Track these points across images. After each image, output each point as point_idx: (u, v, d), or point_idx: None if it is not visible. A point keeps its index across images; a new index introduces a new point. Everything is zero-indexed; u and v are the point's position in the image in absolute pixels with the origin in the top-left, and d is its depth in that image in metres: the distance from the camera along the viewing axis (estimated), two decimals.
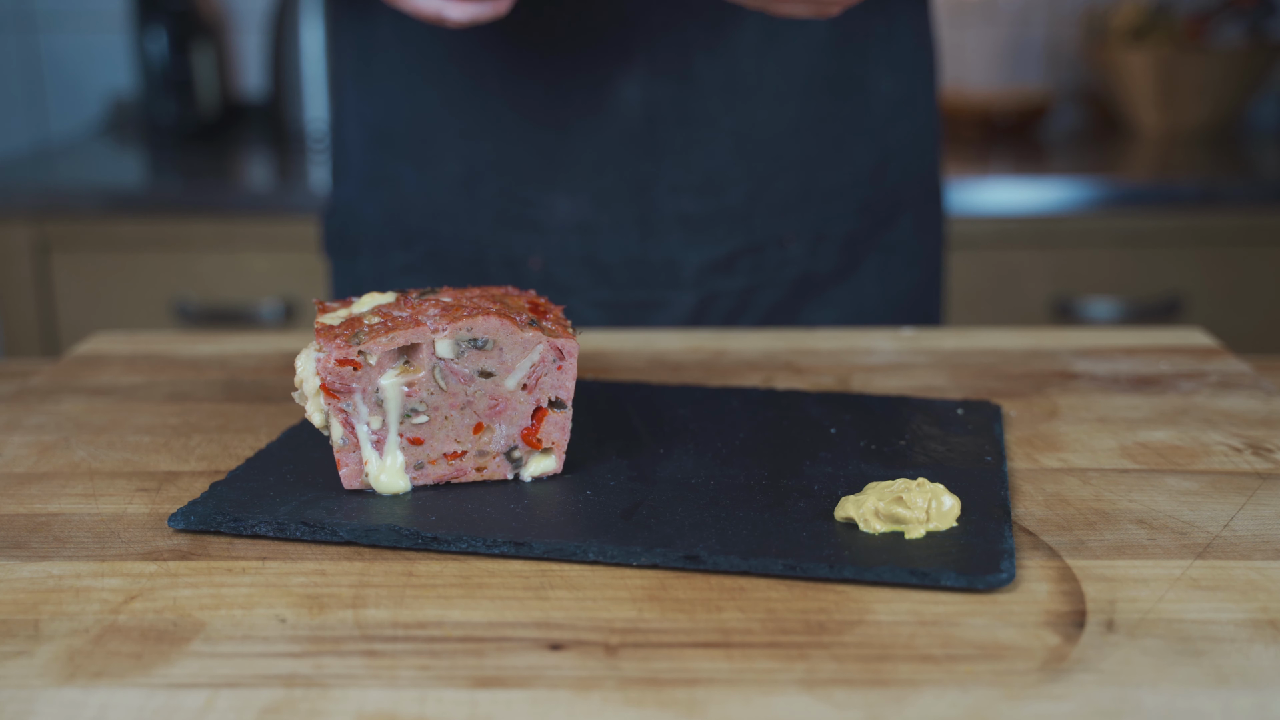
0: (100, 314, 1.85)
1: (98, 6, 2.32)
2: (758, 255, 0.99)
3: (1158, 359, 0.85)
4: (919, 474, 0.62)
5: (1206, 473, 0.65)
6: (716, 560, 0.53)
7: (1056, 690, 0.45)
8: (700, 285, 0.99)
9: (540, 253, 0.98)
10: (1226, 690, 0.45)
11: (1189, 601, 0.51)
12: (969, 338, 0.91)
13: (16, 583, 0.54)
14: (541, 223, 0.97)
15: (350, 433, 0.60)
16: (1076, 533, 0.58)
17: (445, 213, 0.99)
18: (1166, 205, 1.80)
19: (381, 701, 0.45)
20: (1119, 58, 2.13)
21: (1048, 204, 1.80)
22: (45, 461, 0.68)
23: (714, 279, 0.99)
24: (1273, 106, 2.32)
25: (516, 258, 0.98)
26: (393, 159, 1.00)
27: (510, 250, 0.98)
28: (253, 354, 0.89)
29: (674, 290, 0.99)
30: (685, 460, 0.65)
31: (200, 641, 0.49)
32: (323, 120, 2.16)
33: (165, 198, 1.85)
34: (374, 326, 0.59)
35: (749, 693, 0.45)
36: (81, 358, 0.88)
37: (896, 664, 0.47)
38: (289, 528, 0.57)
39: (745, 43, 0.92)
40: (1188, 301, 1.83)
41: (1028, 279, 1.83)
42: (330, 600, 0.52)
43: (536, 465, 0.63)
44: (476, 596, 0.52)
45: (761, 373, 0.83)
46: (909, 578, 0.52)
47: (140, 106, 2.25)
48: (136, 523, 0.60)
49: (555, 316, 0.63)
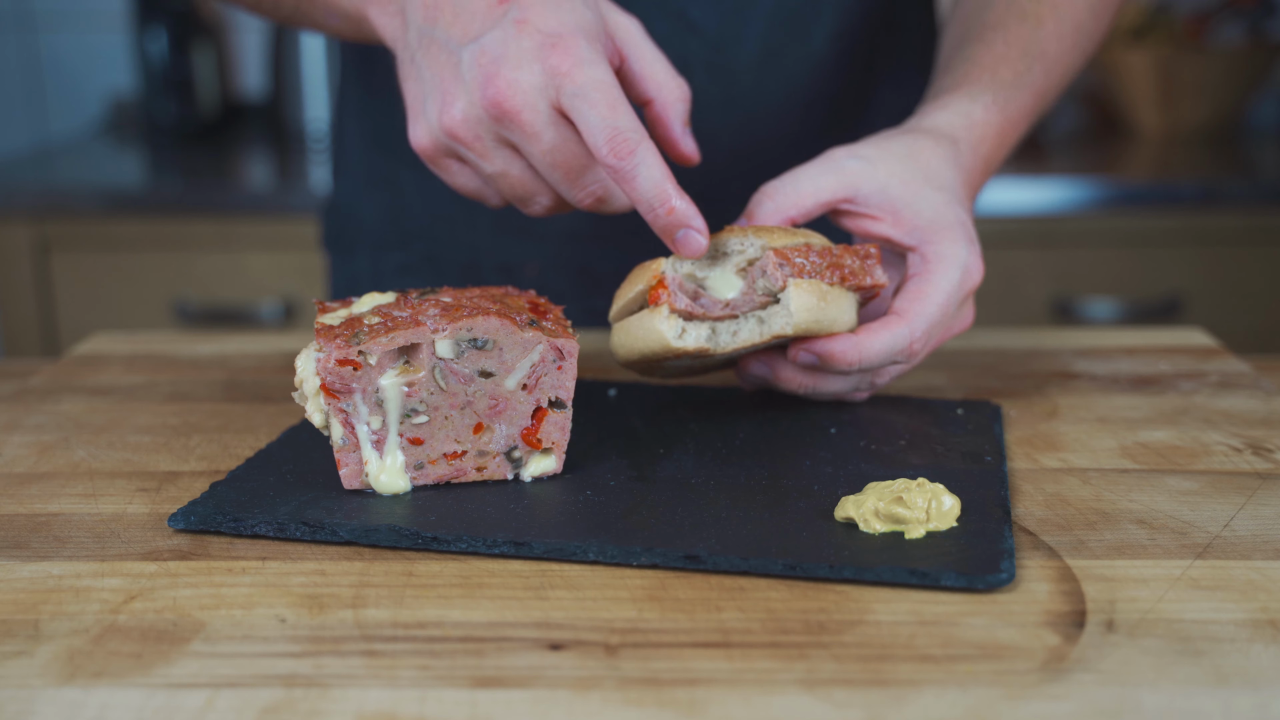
0: (100, 314, 1.85)
1: (98, 6, 2.32)
2: None
3: (1158, 359, 0.85)
4: (919, 474, 0.62)
5: (1206, 473, 0.65)
6: (716, 560, 0.53)
7: (1056, 690, 0.45)
8: None
9: (536, 260, 0.98)
10: (1226, 690, 0.45)
11: (1189, 601, 0.51)
12: (969, 338, 0.91)
13: (16, 583, 0.54)
14: (537, 231, 0.97)
15: (350, 433, 0.60)
16: (1076, 533, 0.58)
17: (442, 217, 0.99)
18: (1166, 205, 1.80)
19: (381, 701, 0.45)
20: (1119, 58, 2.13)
21: (1048, 204, 1.80)
22: (45, 461, 0.68)
23: None
24: (1273, 106, 2.32)
25: (512, 265, 0.98)
26: (392, 162, 1.00)
27: (506, 257, 0.98)
28: (253, 354, 0.89)
29: None
30: (685, 460, 0.65)
31: (200, 641, 0.49)
32: (323, 120, 2.16)
33: (165, 198, 1.85)
34: (374, 326, 0.59)
35: (749, 693, 0.45)
36: (81, 358, 0.88)
37: (896, 664, 0.47)
38: (289, 528, 0.57)
39: (745, 59, 0.92)
40: (1188, 301, 1.83)
41: (1028, 279, 1.83)
42: (330, 600, 0.52)
43: (536, 465, 0.63)
44: (476, 596, 0.52)
45: None
46: (909, 578, 0.52)
47: (140, 106, 2.25)
48: (136, 523, 0.60)
49: (555, 316, 0.63)
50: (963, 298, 0.70)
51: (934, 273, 0.69)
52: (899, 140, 0.72)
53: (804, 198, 0.70)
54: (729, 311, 0.66)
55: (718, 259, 0.67)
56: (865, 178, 0.70)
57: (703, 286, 0.67)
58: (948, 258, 0.69)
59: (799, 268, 0.65)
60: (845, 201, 0.70)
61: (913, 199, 0.70)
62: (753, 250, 0.66)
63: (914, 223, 0.70)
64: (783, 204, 0.70)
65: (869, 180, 0.70)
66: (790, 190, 0.70)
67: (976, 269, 0.71)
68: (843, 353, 0.67)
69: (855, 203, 0.70)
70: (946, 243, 0.69)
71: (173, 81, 2.18)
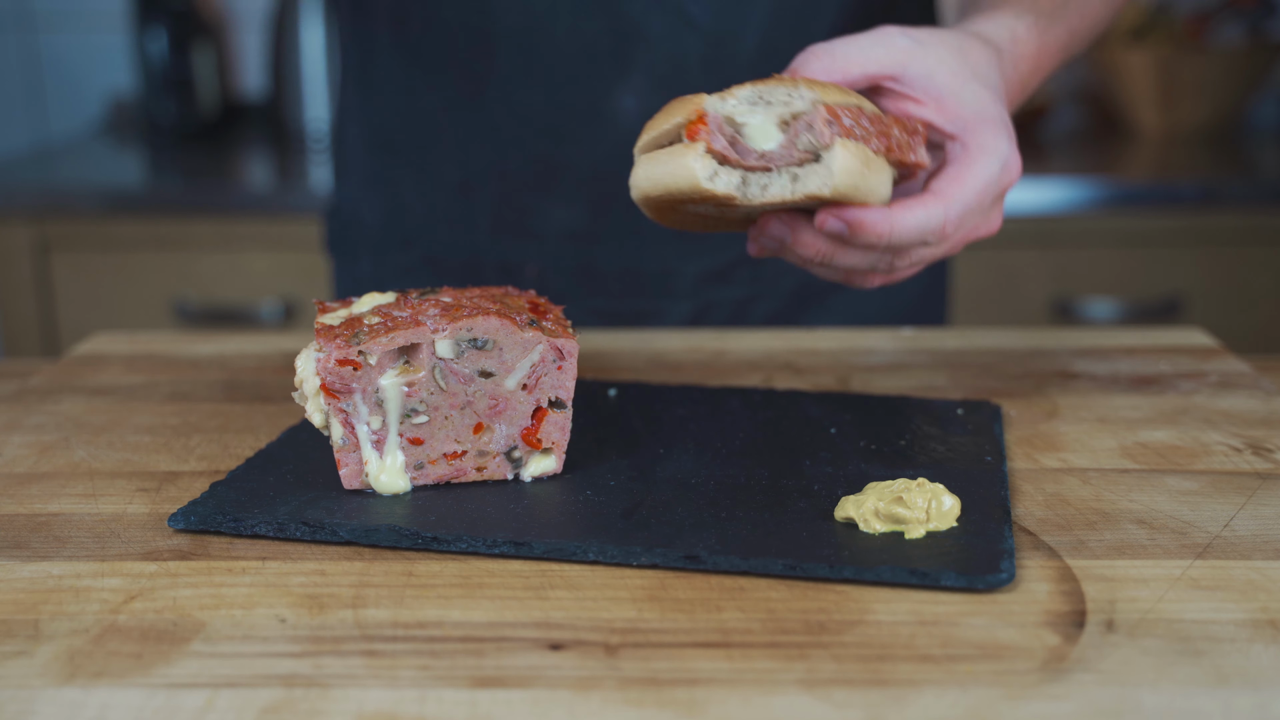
0: (100, 314, 1.85)
1: (98, 6, 2.32)
2: (755, 265, 0.99)
3: (1158, 359, 0.85)
4: (919, 474, 0.62)
5: (1206, 473, 0.65)
6: (716, 560, 0.53)
7: (1056, 690, 0.45)
8: (696, 295, 0.99)
9: (536, 260, 0.98)
10: (1226, 690, 0.45)
11: (1189, 601, 0.51)
12: (969, 338, 0.91)
13: (16, 583, 0.54)
14: (538, 231, 0.97)
15: (350, 433, 0.60)
16: (1076, 533, 0.58)
17: (442, 218, 0.99)
18: (1166, 205, 1.80)
19: (381, 701, 0.45)
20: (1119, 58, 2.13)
21: (1048, 204, 1.80)
22: (45, 461, 0.68)
23: (710, 289, 0.99)
24: (1273, 106, 2.32)
25: (512, 265, 0.98)
26: (392, 163, 1.00)
27: (506, 257, 0.98)
28: (253, 354, 0.89)
29: (669, 300, 0.99)
30: (685, 460, 0.65)
31: (200, 641, 0.49)
32: (323, 120, 2.16)
33: (165, 198, 1.85)
34: (374, 326, 0.59)
35: (749, 693, 0.45)
36: (81, 358, 0.88)
37: (896, 664, 0.47)
38: (289, 528, 0.57)
39: (744, 55, 0.92)
40: (1188, 301, 1.83)
41: (1028, 279, 1.83)
42: (330, 600, 0.52)
43: (536, 465, 0.63)
44: (476, 596, 0.52)
45: (761, 373, 0.83)
46: (909, 578, 0.52)
47: (140, 106, 2.25)
48: (136, 523, 0.60)
49: (555, 316, 0.63)
50: (998, 193, 0.69)
51: (975, 160, 0.68)
52: (952, 34, 0.72)
53: (851, 65, 0.68)
54: (763, 163, 0.63)
55: (760, 107, 0.64)
56: (915, 58, 0.69)
57: (740, 133, 0.64)
58: (989, 148, 0.68)
59: (848, 129, 0.62)
60: (890, 79, 0.69)
61: (959, 89, 0.69)
62: (801, 103, 0.63)
63: (958, 111, 0.69)
64: (829, 66, 0.68)
65: (918, 62, 0.69)
66: (840, 55, 0.68)
67: (1015, 166, 0.69)
68: (874, 223, 0.65)
69: (900, 81, 0.69)
70: (989, 134, 0.68)
71: (173, 81, 2.18)
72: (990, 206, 0.69)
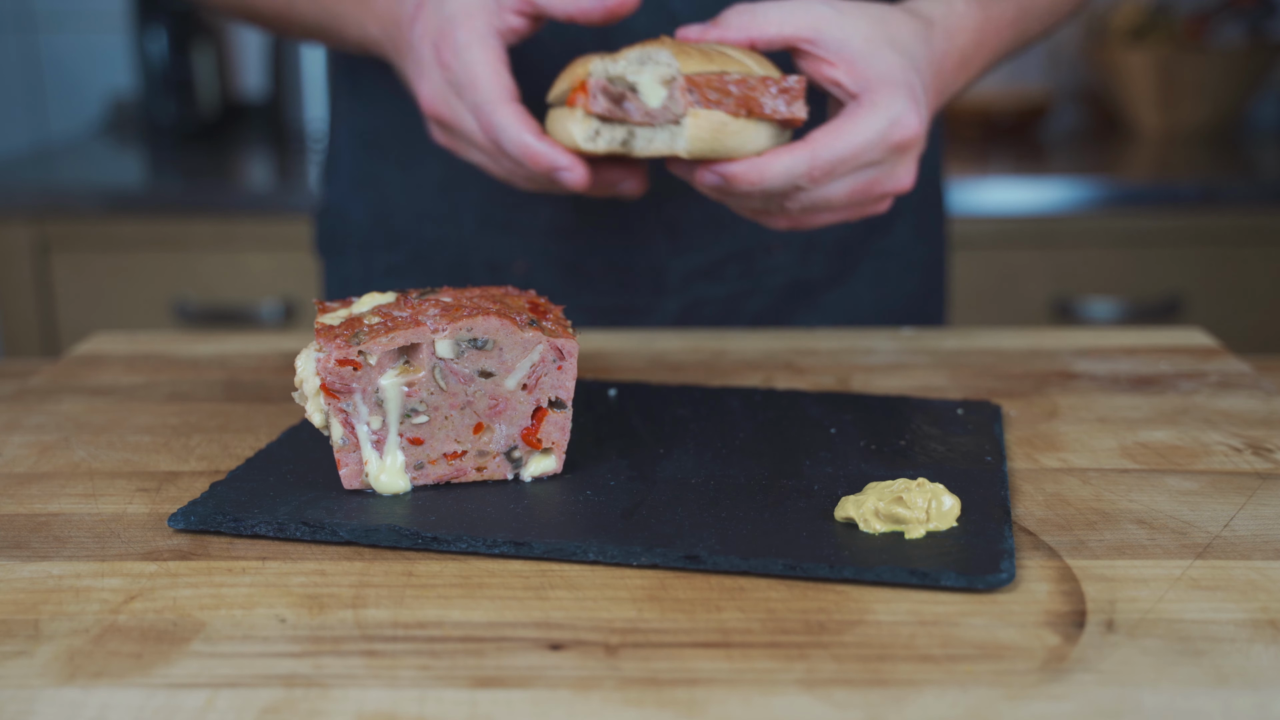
0: (100, 314, 1.85)
1: (98, 6, 2.32)
2: (745, 262, 0.98)
3: (1158, 359, 0.85)
4: (919, 474, 0.62)
5: (1206, 473, 0.65)
6: (716, 560, 0.53)
7: (1056, 690, 0.45)
8: (685, 292, 0.98)
9: (524, 258, 0.98)
10: (1226, 690, 0.45)
11: (1189, 601, 0.51)
12: (969, 338, 0.91)
13: (16, 583, 0.54)
14: (524, 228, 0.97)
15: (350, 433, 0.60)
16: (1076, 533, 0.58)
17: (429, 215, 0.99)
18: (1166, 205, 1.80)
19: (381, 701, 0.45)
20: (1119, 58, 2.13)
21: (1048, 204, 1.80)
22: (45, 461, 0.68)
23: (699, 285, 0.98)
24: (1273, 106, 2.32)
25: (500, 262, 0.98)
26: (379, 161, 1.00)
27: (494, 254, 0.98)
28: (253, 354, 0.89)
29: (658, 297, 0.98)
30: (685, 460, 0.65)
31: (200, 641, 0.49)
32: (322, 120, 2.16)
33: (165, 198, 1.85)
34: (374, 326, 0.59)
35: (749, 693, 0.45)
36: (81, 358, 0.88)
37: (896, 664, 0.47)
38: (289, 528, 0.57)
39: None
40: (1188, 301, 1.83)
41: (1028, 279, 1.83)
42: (330, 600, 0.52)
43: (536, 465, 0.63)
44: (476, 596, 0.52)
45: (761, 373, 0.83)
46: (909, 578, 0.52)
47: (140, 106, 2.25)
48: (136, 523, 0.60)
49: (555, 316, 0.63)
50: (888, 148, 0.72)
51: (859, 116, 0.72)
52: (875, 6, 0.75)
53: (769, 25, 0.73)
54: (647, 120, 0.70)
55: (649, 66, 0.70)
56: (831, 23, 0.72)
57: (633, 89, 0.70)
58: (880, 105, 0.71)
59: (705, 98, 0.69)
60: (806, 41, 0.73)
61: (870, 53, 0.72)
62: (668, 70, 0.69)
63: (865, 74, 0.72)
64: (747, 24, 0.73)
65: (834, 27, 0.72)
66: (760, 15, 0.73)
67: (910, 125, 0.72)
68: (743, 173, 0.71)
69: (815, 44, 0.73)
70: (884, 94, 0.72)
71: (173, 81, 2.18)
72: (887, 160, 0.73)
